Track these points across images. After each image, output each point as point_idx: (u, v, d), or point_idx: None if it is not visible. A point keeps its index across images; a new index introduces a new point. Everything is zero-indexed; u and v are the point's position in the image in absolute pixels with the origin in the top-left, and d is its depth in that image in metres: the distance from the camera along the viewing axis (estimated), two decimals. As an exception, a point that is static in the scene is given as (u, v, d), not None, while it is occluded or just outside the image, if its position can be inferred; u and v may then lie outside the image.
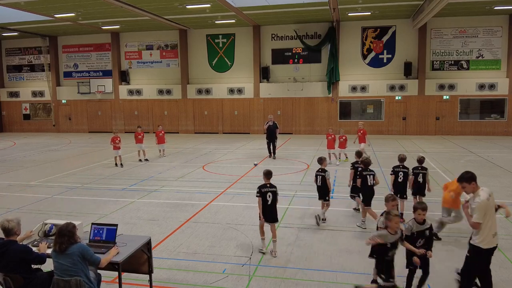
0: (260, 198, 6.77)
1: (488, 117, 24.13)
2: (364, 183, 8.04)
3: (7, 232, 4.73)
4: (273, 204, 6.84)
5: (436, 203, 9.68)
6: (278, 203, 6.95)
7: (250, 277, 6.02)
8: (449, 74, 24.18)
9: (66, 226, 4.53)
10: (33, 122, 30.94)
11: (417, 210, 5.24)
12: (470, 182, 5.02)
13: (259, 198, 6.78)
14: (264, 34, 26.21)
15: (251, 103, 26.68)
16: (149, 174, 13.77)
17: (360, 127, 15.85)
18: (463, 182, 5.07)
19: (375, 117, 25.30)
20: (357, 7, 21.20)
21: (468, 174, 5.06)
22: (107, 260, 4.68)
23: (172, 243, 7.40)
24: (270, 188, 6.84)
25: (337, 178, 12.62)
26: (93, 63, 29.28)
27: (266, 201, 6.79)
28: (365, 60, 25.14)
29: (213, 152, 18.90)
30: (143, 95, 28.34)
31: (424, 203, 5.37)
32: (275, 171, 14.12)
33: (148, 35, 27.85)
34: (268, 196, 6.78)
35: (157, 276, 5.92)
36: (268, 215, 6.81)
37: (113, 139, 15.18)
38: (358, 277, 5.99)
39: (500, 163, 14.80)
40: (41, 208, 9.82)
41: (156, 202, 10.24)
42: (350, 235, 7.70)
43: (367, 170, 8.09)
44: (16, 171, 14.71)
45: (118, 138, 15.24)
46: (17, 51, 30.62)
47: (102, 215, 9.16)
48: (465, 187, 5.07)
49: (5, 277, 4.62)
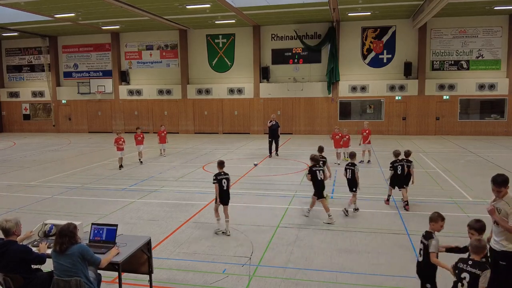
0: (217, 184, 7.76)
1: (488, 117, 24.13)
2: (314, 178, 8.64)
3: (6, 232, 4.73)
4: (228, 189, 7.91)
5: (436, 203, 9.71)
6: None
7: (250, 277, 6.02)
8: (449, 74, 24.18)
9: (67, 226, 4.53)
10: (33, 122, 30.94)
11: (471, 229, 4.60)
12: (506, 186, 4.74)
13: (215, 184, 7.78)
14: (264, 34, 26.22)
15: (251, 103, 26.68)
16: (149, 174, 13.77)
17: (365, 127, 15.87)
18: (503, 187, 4.71)
19: (375, 117, 25.29)
20: (357, 7, 21.20)
21: (504, 177, 4.73)
22: (107, 260, 4.68)
23: (172, 243, 7.40)
24: (224, 176, 7.89)
25: (337, 178, 12.62)
26: (93, 63, 29.29)
27: (222, 187, 7.80)
28: (365, 60, 25.14)
29: (213, 152, 18.90)
30: (143, 95, 28.34)
31: (481, 222, 4.59)
32: (275, 171, 14.24)
33: (148, 35, 27.85)
34: (224, 182, 7.82)
35: (157, 276, 5.92)
36: (224, 198, 7.86)
37: (116, 140, 14.99)
38: (358, 277, 5.99)
39: (500, 163, 14.80)
40: (41, 208, 9.82)
41: (156, 202, 10.24)
42: (350, 235, 7.70)
43: (316, 166, 8.74)
44: (16, 171, 14.71)
45: (121, 139, 15.03)
46: (17, 51, 30.63)
47: (102, 215, 9.16)
48: (501, 191, 4.72)
49: (5, 277, 4.62)
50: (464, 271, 4.19)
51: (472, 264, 4.20)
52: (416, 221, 8.41)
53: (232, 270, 6.24)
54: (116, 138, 15.09)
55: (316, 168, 8.70)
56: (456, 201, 9.94)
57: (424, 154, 17.15)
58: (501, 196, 4.74)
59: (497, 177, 4.77)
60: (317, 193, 8.71)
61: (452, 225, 8.18)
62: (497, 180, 4.75)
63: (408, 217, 8.71)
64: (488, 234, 4.84)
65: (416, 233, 7.72)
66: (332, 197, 10.52)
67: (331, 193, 10.92)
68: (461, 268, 4.23)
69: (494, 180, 4.77)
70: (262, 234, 7.79)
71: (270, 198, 10.42)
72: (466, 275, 4.16)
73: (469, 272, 4.16)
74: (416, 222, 8.32)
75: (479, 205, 9.59)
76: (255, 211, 9.29)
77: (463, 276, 4.18)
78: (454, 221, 8.40)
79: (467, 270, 4.18)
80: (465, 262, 4.25)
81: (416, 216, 8.70)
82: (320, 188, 8.69)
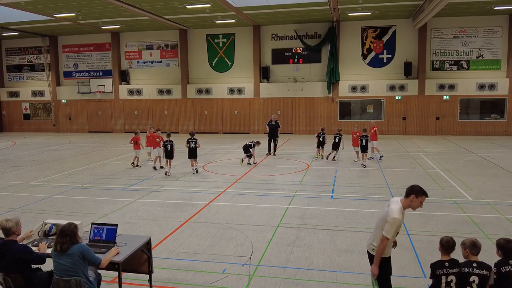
0: (188, 144, 13.52)
1: (488, 117, 24.13)
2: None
3: (6, 232, 4.72)
4: (196, 148, 13.55)
5: (436, 203, 9.71)
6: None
7: (250, 277, 6.02)
8: (449, 74, 24.17)
9: (68, 226, 4.53)
10: (33, 122, 30.93)
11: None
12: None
13: (186, 143, 13.56)
14: (264, 34, 26.21)
15: (251, 103, 26.68)
16: (149, 174, 13.78)
17: (372, 125, 16.03)
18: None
19: (375, 117, 25.27)
20: (357, 7, 21.20)
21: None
22: (108, 260, 4.67)
23: (172, 243, 7.40)
24: (193, 139, 13.53)
25: (337, 178, 12.63)
26: (93, 63, 29.28)
27: (190, 147, 13.51)
28: (365, 60, 25.13)
29: (213, 152, 18.90)
30: (143, 95, 28.34)
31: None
32: (275, 171, 14.27)
33: (148, 35, 27.85)
34: (191, 144, 13.49)
35: (157, 276, 5.91)
36: (192, 154, 13.55)
37: (134, 139, 15.28)
38: (358, 277, 5.99)
39: (500, 163, 14.80)
40: (41, 208, 9.82)
41: (156, 202, 10.24)
42: (350, 235, 7.70)
43: (191, 139, 13.59)
44: (16, 171, 14.71)
45: (139, 138, 15.40)
46: (17, 51, 30.62)
47: (102, 215, 9.15)
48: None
49: (5, 277, 4.62)
50: (472, 275, 4.13)
51: (478, 266, 4.17)
52: (416, 221, 8.40)
53: (232, 270, 6.24)
54: (134, 137, 15.38)
55: (190, 139, 13.69)
56: (456, 201, 9.94)
57: (424, 154, 17.15)
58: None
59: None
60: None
61: (452, 225, 8.20)
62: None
63: (408, 217, 8.70)
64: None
65: (416, 233, 7.73)
66: (332, 197, 10.51)
67: (331, 193, 10.92)
68: (467, 272, 4.16)
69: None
70: (262, 234, 7.79)
71: (270, 198, 10.42)
72: (475, 278, 4.10)
73: (478, 275, 4.12)
74: (416, 222, 8.32)
75: (479, 205, 9.60)
76: (255, 211, 9.29)
77: (472, 279, 4.12)
78: (454, 221, 8.42)
79: (475, 273, 4.13)
80: (469, 266, 4.19)
81: (416, 216, 8.70)
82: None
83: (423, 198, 4.48)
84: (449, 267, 4.21)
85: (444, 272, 4.20)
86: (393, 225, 4.39)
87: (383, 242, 4.46)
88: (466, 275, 4.16)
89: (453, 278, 4.16)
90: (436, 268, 4.26)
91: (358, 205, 9.42)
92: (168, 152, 13.38)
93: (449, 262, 4.25)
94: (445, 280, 4.18)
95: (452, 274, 4.18)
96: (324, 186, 11.72)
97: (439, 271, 4.23)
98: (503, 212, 8.95)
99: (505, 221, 8.38)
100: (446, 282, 4.18)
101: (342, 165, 15.06)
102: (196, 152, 13.57)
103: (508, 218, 8.55)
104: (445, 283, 4.19)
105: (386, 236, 4.43)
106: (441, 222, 8.33)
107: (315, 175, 13.23)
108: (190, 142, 13.48)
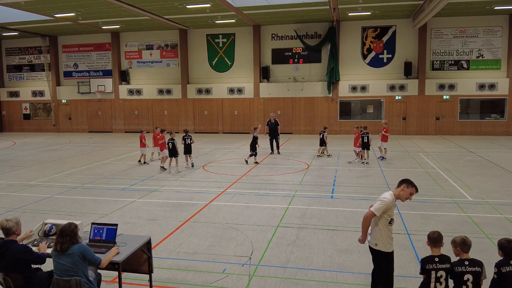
0: (183, 141, 14.42)
1: (488, 117, 24.12)
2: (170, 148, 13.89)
3: (6, 232, 4.72)
4: (190, 144, 14.55)
5: (436, 203, 9.71)
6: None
7: (250, 277, 6.02)
8: (449, 74, 24.17)
9: (68, 226, 4.53)
10: (33, 122, 30.93)
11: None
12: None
13: (182, 140, 14.46)
14: (264, 34, 26.21)
15: (251, 103, 26.68)
16: (149, 174, 13.78)
17: (383, 125, 15.98)
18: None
19: (375, 117, 25.28)
20: (357, 7, 21.20)
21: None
22: (108, 260, 4.67)
23: (172, 243, 7.40)
24: (188, 136, 14.53)
25: (337, 178, 12.63)
26: (93, 63, 29.28)
27: (186, 143, 14.47)
28: (365, 60, 25.13)
29: (213, 152, 18.90)
30: (143, 95, 28.34)
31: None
32: (275, 171, 14.26)
33: (148, 35, 27.84)
34: (187, 140, 14.48)
35: (157, 276, 5.91)
36: (187, 150, 14.51)
37: (142, 137, 15.81)
38: (358, 277, 5.99)
39: (500, 163, 14.80)
40: (41, 208, 9.82)
41: (156, 202, 10.24)
42: (350, 235, 7.70)
43: (186, 136, 14.61)
44: (16, 171, 14.70)
45: (144, 136, 15.91)
46: (17, 51, 30.61)
47: (102, 215, 9.15)
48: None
49: (5, 277, 4.62)
50: (466, 273, 4.11)
51: (470, 264, 4.16)
52: (416, 221, 8.40)
53: (232, 270, 6.24)
54: (141, 135, 15.84)
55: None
56: (456, 201, 9.94)
57: (424, 154, 17.15)
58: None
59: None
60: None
61: (452, 225, 8.19)
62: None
63: (408, 217, 8.71)
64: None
65: (416, 233, 7.72)
66: (332, 197, 10.52)
67: (331, 193, 10.92)
68: (460, 271, 4.15)
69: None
70: (262, 234, 7.79)
71: (270, 198, 10.42)
72: (469, 276, 4.10)
73: (471, 272, 4.11)
74: (416, 222, 8.32)
75: (479, 205, 9.60)
76: (255, 211, 9.29)
77: (466, 278, 4.11)
78: (454, 221, 8.42)
79: (469, 271, 4.12)
80: (462, 265, 4.16)
81: (416, 216, 8.70)
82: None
83: (413, 190, 4.74)
84: (439, 262, 4.22)
85: (434, 267, 4.22)
86: (382, 204, 4.68)
87: (368, 216, 4.76)
88: (460, 274, 4.15)
89: (443, 273, 4.16)
90: (426, 263, 4.28)
91: (358, 205, 9.42)
92: (171, 151, 14.01)
93: (439, 257, 4.27)
94: (435, 275, 4.18)
95: (442, 269, 4.17)
96: (324, 186, 11.72)
97: (429, 266, 4.25)
98: (503, 212, 8.95)
99: (505, 221, 8.38)
100: (436, 277, 4.17)
101: (342, 165, 15.06)
102: (191, 148, 14.65)
103: (508, 218, 8.54)
104: (434, 278, 4.19)
105: (373, 212, 4.71)
106: (441, 222, 8.33)
107: (315, 175, 13.23)
108: (185, 139, 14.53)
